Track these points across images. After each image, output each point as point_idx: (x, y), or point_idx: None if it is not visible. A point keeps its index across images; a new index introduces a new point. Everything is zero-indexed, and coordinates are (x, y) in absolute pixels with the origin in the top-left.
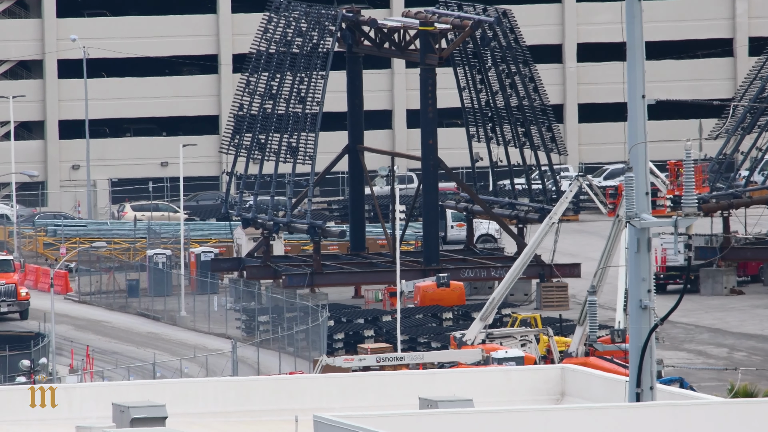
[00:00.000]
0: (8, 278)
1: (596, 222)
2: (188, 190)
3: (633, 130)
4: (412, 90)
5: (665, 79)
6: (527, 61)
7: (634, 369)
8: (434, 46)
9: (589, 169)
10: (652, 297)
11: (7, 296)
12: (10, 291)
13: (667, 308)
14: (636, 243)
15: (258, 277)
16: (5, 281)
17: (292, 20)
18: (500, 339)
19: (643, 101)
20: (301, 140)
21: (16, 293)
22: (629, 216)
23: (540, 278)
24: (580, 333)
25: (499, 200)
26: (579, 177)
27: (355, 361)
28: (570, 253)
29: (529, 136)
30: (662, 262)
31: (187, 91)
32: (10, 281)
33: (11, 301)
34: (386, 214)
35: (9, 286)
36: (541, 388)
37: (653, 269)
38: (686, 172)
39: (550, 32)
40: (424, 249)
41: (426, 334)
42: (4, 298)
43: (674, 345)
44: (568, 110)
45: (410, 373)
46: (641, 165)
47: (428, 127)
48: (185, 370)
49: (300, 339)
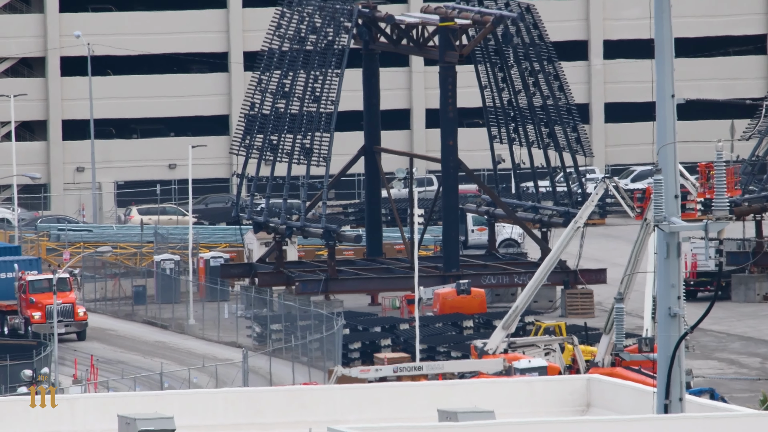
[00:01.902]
0: (65, 297)
1: (623, 226)
2: (197, 192)
3: (662, 131)
4: (431, 89)
5: (696, 77)
6: (551, 59)
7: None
8: (454, 42)
9: (616, 171)
10: (682, 304)
11: (65, 316)
12: (68, 311)
13: (698, 316)
14: (665, 248)
15: (270, 284)
16: (62, 300)
17: (305, 16)
18: (523, 348)
19: (673, 100)
20: (315, 141)
21: (74, 313)
22: (658, 220)
23: (565, 285)
24: (606, 342)
25: (522, 203)
26: (605, 179)
27: (372, 372)
28: (596, 259)
29: (554, 136)
30: (692, 267)
31: (196, 90)
32: (66, 300)
33: (68, 321)
34: (404, 217)
35: (66, 305)
36: (565, 399)
37: (683, 275)
38: (717, 174)
39: (576, 28)
40: (444, 254)
41: (445, 343)
42: (61, 318)
43: (705, 354)
44: (594, 110)
45: (429, 384)
46: (670, 167)
47: (448, 128)
48: (194, 380)
49: (314, 348)
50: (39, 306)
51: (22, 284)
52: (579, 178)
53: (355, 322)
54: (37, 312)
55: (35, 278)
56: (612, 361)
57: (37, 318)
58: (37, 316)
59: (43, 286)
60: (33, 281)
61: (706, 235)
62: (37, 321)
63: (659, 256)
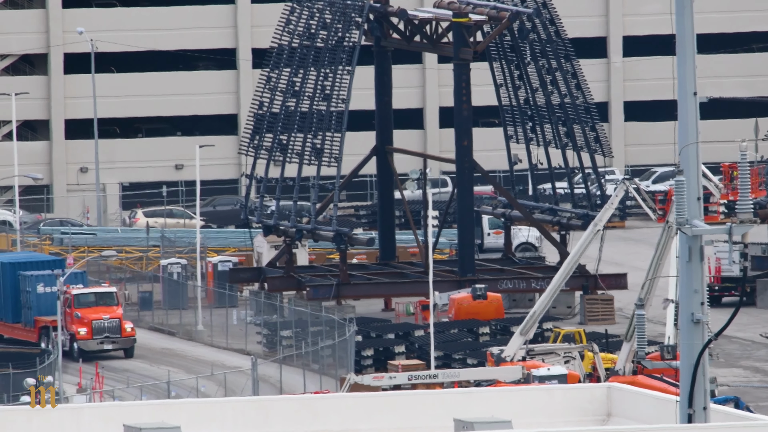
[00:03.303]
0: (111, 312)
1: (644, 229)
2: (205, 194)
3: (684, 130)
4: (445, 87)
5: (718, 74)
6: (569, 56)
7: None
8: (469, 39)
9: (636, 171)
10: (705, 310)
11: (111, 333)
12: (114, 327)
13: (722, 322)
14: (687, 252)
15: (280, 289)
16: (108, 315)
17: (316, 11)
18: (542, 355)
19: (695, 99)
20: (326, 141)
21: (121, 329)
22: (680, 223)
23: (584, 290)
24: (627, 349)
25: (540, 205)
26: (625, 180)
27: (385, 380)
28: (616, 263)
29: (572, 136)
30: (716, 272)
31: (203, 88)
32: (113, 316)
33: (115, 337)
34: (418, 220)
35: (113, 321)
36: (585, 408)
37: (706, 280)
38: (741, 175)
39: (594, 24)
40: (459, 258)
41: (461, 350)
42: (108, 334)
43: (729, 362)
44: (614, 108)
45: (444, 392)
46: (693, 167)
47: (463, 127)
48: (202, 389)
49: (326, 355)
50: (85, 321)
51: (67, 298)
52: (598, 179)
53: (368, 329)
54: (82, 328)
55: (80, 292)
56: (633, 369)
57: (82, 334)
58: (83, 332)
59: (89, 300)
60: (78, 295)
61: (730, 238)
62: (82, 337)
63: (682, 260)
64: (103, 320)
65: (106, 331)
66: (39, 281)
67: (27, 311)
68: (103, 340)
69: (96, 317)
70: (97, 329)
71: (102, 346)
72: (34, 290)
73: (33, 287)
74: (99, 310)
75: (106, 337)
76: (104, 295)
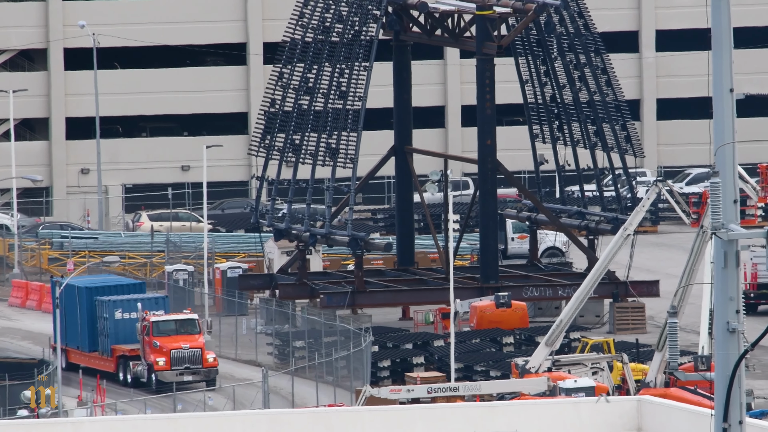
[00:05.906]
0: (193, 341)
1: (677, 234)
2: (213, 197)
3: (719, 129)
4: (468, 83)
5: (756, 70)
6: (599, 50)
7: (721, 401)
8: (493, 33)
9: (669, 173)
10: (741, 319)
11: (192, 363)
12: (196, 357)
13: (759, 331)
14: (723, 257)
15: (292, 297)
16: (189, 344)
17: (331, 3)
18: (568, 367)
19: (731, 96)
20: (341, 141)
21: (202, 359)
22: (715, 227)
23: (613, 298)
24: (659, 360)
25: (567, 209)
26: (657, 182)
27: (403, 392)
28: (647, 269)
29: (601, 135)
30: (752, 278)
31: (211, 85)
32: (195, 345)
33: (196, 368)
34: (438, 224)
35: (194, 350)
36: (614, 422)
37: (742, 287)
38: None
39: (625, 17)
40: (481, 264)
41: (484, 361)
42: (188, 365)
43: (766, 373)
44: (646, 106)
45: (466, 406)
46: (729, 168)
47: (486, 126)
48: (209, 402)
49: (340, 367)
50: (164, 351)
51: (145, 326)
52: (629, 180)
53: (385, 339)
54: (161, 358)
55: (160, 319)
56: (665, 380)
57: (161, 364)
58: (162, 362)
59: (169, 328)
60: (158, 322)
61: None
62: (161, 368)
63: (716, 266)
64: (182, 349)
65: (186, 361)
66: (117, 307)
67: (104, 339)
68: (183, 371)
69: (175, 346)
70: (176, 359)
71: (182, 377)
72: (111, 316)
73: (111, 313)
74: (179, 339)
75: (186, 368)
76: (185, 322)
